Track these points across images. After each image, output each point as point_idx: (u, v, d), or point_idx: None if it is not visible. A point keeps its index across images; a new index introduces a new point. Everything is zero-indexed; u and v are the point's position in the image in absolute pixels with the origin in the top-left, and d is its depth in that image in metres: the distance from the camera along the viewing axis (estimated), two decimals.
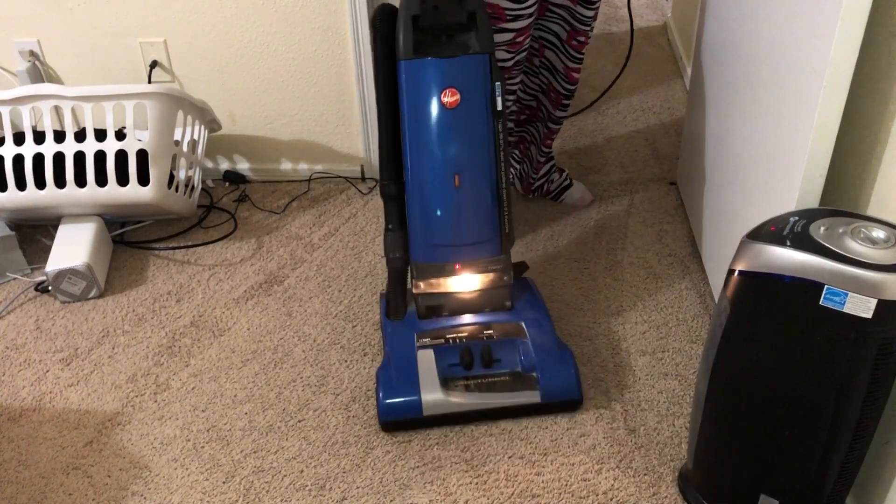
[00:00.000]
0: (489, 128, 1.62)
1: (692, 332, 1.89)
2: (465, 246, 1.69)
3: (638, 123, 2.74)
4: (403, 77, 1.60)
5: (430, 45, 1.60)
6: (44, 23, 2.32)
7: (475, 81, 1.60)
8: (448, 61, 1.58)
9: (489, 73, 1.60)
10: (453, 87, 1.59)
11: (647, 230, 2.23)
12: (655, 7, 3.62)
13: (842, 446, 1.25)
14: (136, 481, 1.60)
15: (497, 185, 1.66)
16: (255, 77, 2.36)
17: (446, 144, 1.62)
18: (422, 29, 1.59)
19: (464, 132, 1.62)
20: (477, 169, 1.64)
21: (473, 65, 1.60)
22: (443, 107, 1.59)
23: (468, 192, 1.65)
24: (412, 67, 1.59)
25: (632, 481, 1.56)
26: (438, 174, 1.63)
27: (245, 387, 1.80)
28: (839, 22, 1.20)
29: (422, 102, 1.60)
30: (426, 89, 1.60)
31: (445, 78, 1.59)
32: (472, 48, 1.59)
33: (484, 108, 1.61)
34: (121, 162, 2.07)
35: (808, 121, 1.32)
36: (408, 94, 1.60)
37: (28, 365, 1.89)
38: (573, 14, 1.94)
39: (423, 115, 1.61)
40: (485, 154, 1.63)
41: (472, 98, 1.60)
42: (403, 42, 1.57)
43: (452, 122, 1.61)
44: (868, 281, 1.12)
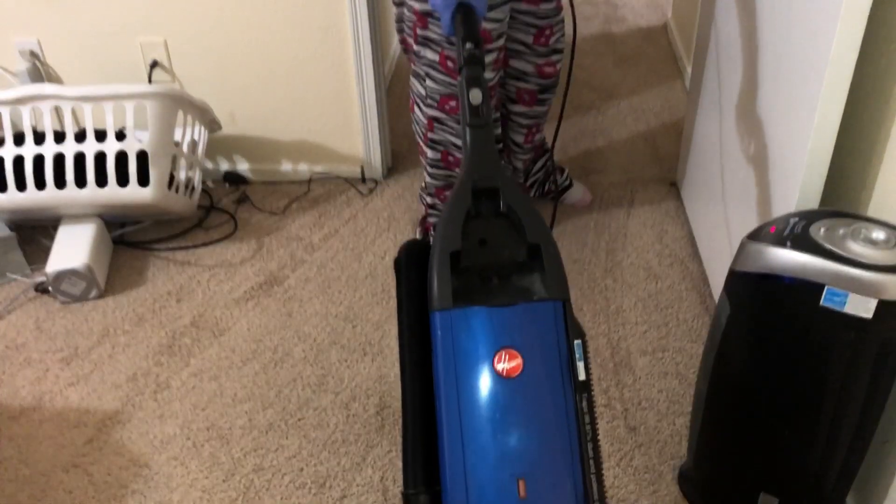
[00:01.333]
0: (568, 406, 1.11)
1: (692, 332, 1.90)
2: None
3: (638, 123, 2.75)
4: (439, 335, 1.11)
5: (476, 290, 1.14)
6: (44, 23, 2.32)
7: (544, 340, 1.11)
8: (503, 311, 1.10)
9: (563, 329, 1.11)
10: (511, 347, 1.10)
11: (647, 231, 2.23)
12: (655, 7, 3.63)
13: (842, 445, 1.25)
14: (136, 479, 1.61)
15: (585, 495, 1.09)
16: (255, 77, 2.36)
17: (503, 433, 1.09)
18: (463, 271, 1.15)
19: (529, 414, 1.10)
20: (551, 470, 1.10)
21: (540, 316, 1.11)
22: (497, 376, 1.10)
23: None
24: (451, 320, 1.11)
25: (632, 479, 1.56)
26: (492, 479, 1.09)
27: (245, 386, 1.80)
28: (839, 22, 1.20)
29: (466, 370, 1.10)
30: (472, 351, 1.10)
31: (500, 335, 1.10)
32: (538, 294, 1.12)
33: (558, 378, 1.11)
34: (121, 162, 2.07)
35: (808, 121, 1.32)
36: (444, 358, 1.10)
37: (28, 364, 1.89)
38: (536, 14, 1.92)
39: (468, 388, 1.10)
40: (564, 448, 1.09)
41: (539, 363, 1.10)
42: (438, 286, 1.11)
43: (511, 398, 1.10)
44: (868, 281, 1.12)
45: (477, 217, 1.15)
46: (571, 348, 1.12)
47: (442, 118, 1.90)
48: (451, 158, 1.96)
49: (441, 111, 1.88)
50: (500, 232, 1.16)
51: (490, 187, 1.14)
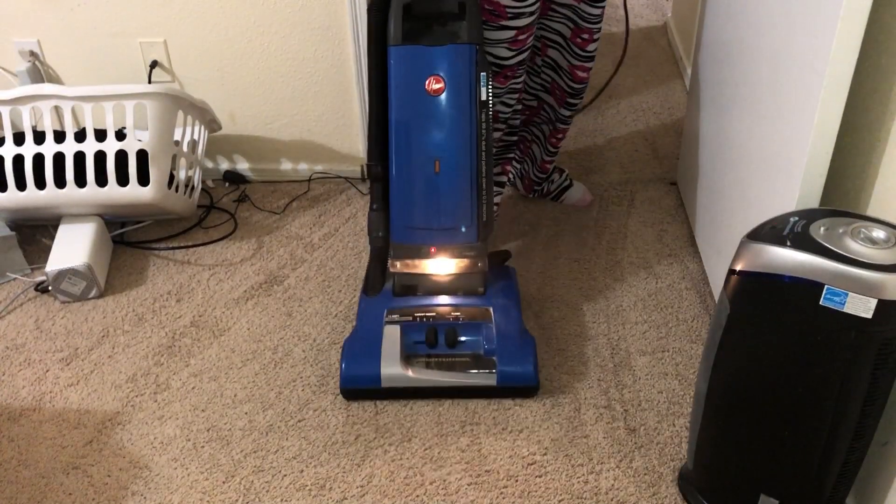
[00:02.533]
0: (472, 117, 1.67)
1: (692, 332, 1.89)
2: (441, 230, 1.76)
3: (638, 123, 2.74)
4: (392, 63, 1.66)
5: (421, 32, 1.65)
6: (44, 23, 2.32)
7: (460, 71, 1.65)
8: (435, 49, 1.65)
9: (474, 64, 1.65)
10: (438, 75, 1.65)
11: (647, 230, 2.23)
12: (655, 7, 3.62)
13: (842, 446, 1.25)
14: (136, 481, 1.60)
15: (477, 174, 1.71)
16: (255, 77, 2.36)
17: (428, 130, 1.69)
18: (415, 17, 1.64)
19: (446, 119, 1.68)
20: (457, 156, 1.70)
21: (459, 54, 1.65)
22: (427, 94, 1.66)
23: (447, 179, 1.71)
24: (400, 54, 1.65)
25: (632, 481, 1.56)
26: (419, 159, 1.70)
27: (245, 386, 1.80)
28: (839, 22, 1.20)
29: (408, 88, 1.67)
30: (413, 76, 1.66)
31: (431, 66, 1.65)
32: (461, 38, 1.65)
33: (467, 98, 1.66)
34: (121, 162, 2.07)
35: (808, 121, 1.32)
36: (395, 79, 1.67)
37: (28, 365, 1.89)
38: (578, 13, 1.93)
39: (409, 100, 1.68)
40: (466, 142, 1.69)
41: (456, 87, 1.66)
42: (394, 29, 1.63)
43: (436, 109, 1.67)
44: (868, 281, 1.12)
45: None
46: (478, 78, 1.67)
47: None
48: None
49: None
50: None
51: None
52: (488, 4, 1.73)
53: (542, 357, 1.83)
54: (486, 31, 1.76)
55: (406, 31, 1.64)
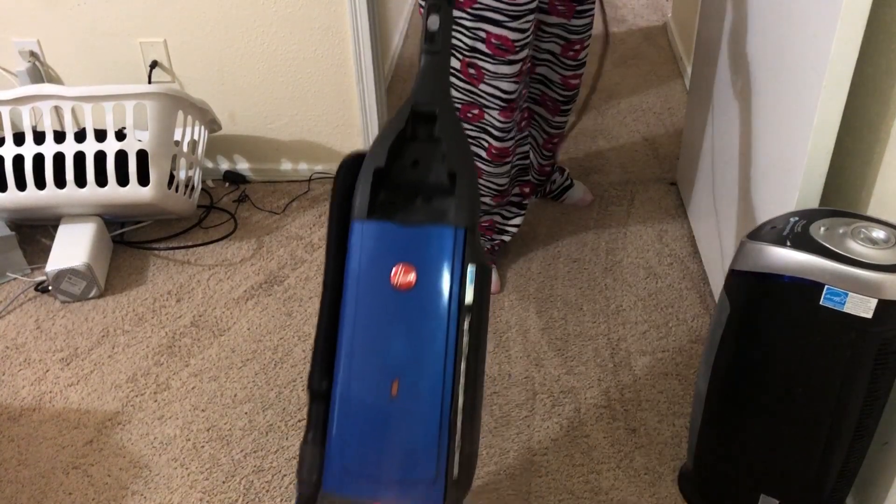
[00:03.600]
0: (449, 325, 1.19)
1: (692, 332, 1.89)
2: (392, 483, 1.22)
3: (638, 123, 2.75)
4: (352, 241, 1.23)
5: (397, 207, 1.23)
6: (44, 23, 2.32)
7: (439, 260, 1.19)
8: (409, 230, 1.20)
9: (461, 254, 1.19)
10: (409, 263, 1.19)
11: (647, 230, 2.23)
12: (655, 7, 3.62)
13: (842, 446, 1.25)
14: (136, 481, 1.61)
15: (451, 408, 1.19)
16: (255, 77, 2.36)
17: (388, 339, 1.21)
18: (395, 188, 1.23)
19: (413, 326, 1.20)
20: (423, 378, 1.20)
21: (440, 239, 1.19)
22: (392, 288, 1.20)
23: (407, 408, 1.21)
24: (364, 231, 1.22)
25: (632, 481, 1.56)
26: (372, 376, 1.21)
27: (245, 386, 1.80)
28: (839, 22, 1.20)
29: (368, 277, 1.21)
30: (376, 262, 1.21)
31: (401, 250, 1.20)
32: (446, 218, 1.20)
33: (446, 298, 1.19)
34: (121, 162, 2.07)
35: (808, 121, 1.32)
36: (354, 263, 1.22)
37: (28, 365, 1.89)
38: (567, 28, 1.91)
39: (368, 293, 1.21)
40: (437, 360, 1.19)
41: (431, 281, 1.19)
42: (360, 198, 1.22)
43: (401, 309, 1.21)
44: (868, 281, 1.12)
45: (414, 139, 1.23)
46: (464, 273, 1.20)
47: (464, 126, 1.86)
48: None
49: (463, 120, 1.85)
50: (432, 155, 1.23)
51: (429, 112, 1.21)
52: (496, 39, 1.70)
53: (543, 357, 1.83)
54: (494, 65, 1.72)
55: (378, 202, 1.22)
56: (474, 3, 1.67)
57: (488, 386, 1.77)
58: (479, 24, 1.69)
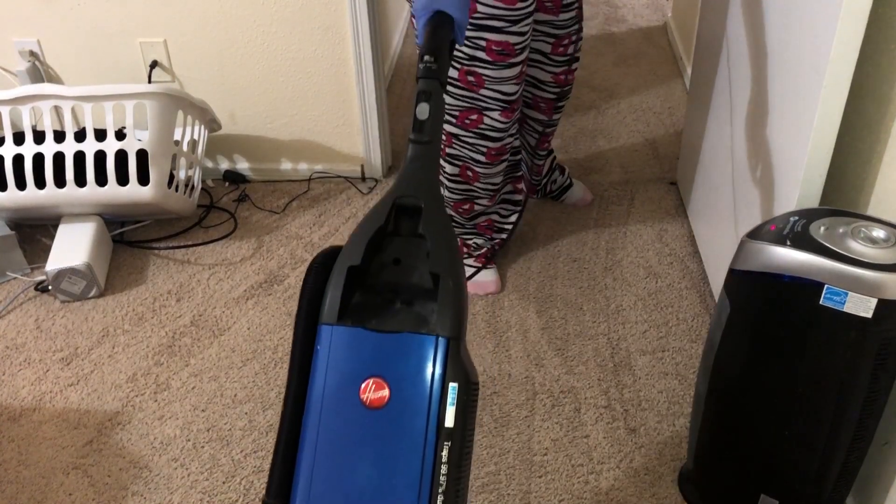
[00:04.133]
0: (426, 453, 1.03)
1: (692, 332, 1.89)
2: None
3: (638, 123, 2.75)
4: (318, 349, 1.08)
5: (373, 311, 1.08)
6: (44, 23, 2.32)
7: (416, 375, 1.04)
8: (382, 337, 1.05)
9: (442, 368, 1.03)
10: (380, 377, 1.04)
11: (647, 230, 2.23)
12: (655, 7, 3.62)
13: (842, 446, 1.25)
14: (136, 481, 1.61)
15: None
16: (255, 77, 2.36)
17: (354, 465, 1.05)
18: (372, 289, 1.09)
19: (384, 451, 1.04)
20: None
21: (419, 349, 1.04)
22: (360, 404, 1.05)
23: None
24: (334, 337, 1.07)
25: (632, 481, 1.56)
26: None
27: (245, 386, 1.80)
28: (839, 22, 1.20)
29: (335, 390, 1.06)
30: (345, 372, 1.06)
31: (373, 362, 1.05)
32: (427, 325, 1.04)
33: (423, 419, 1.03)
34: (121, 162, 2.07)
35: (808, 121, 1.32)
36: (319, 374, 1.07)
37: (28, 365, 1.89)
38: (554, 24, 1.90)
39: (333, 409, 1.06)
40: (410, 493, 1.03)
41: (406, 400, 1.03)
42: (330, 299, 1.08)
43: (370, 431, 1.04)
44: (868, 281, 1.12)
45: (397, 234, 1.10)
46: (444, 391, 1.03)
47: (461, 134, 1.85)
48: (471, 173, 1.91)
49: (460, 126, 1.84)
50: (416, 253, 1.10)
51: (414, 205, 1.08)
52: (497, 45, 1.69)
53: (543, 357, 1.83)
54: (495, 70, 1.71)
55: (351, 305, 1.08)
56: (474, 13, 1.65)
57: (488, 386, 1.77)
58: (479, 34, 1.68)
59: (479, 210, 2.01)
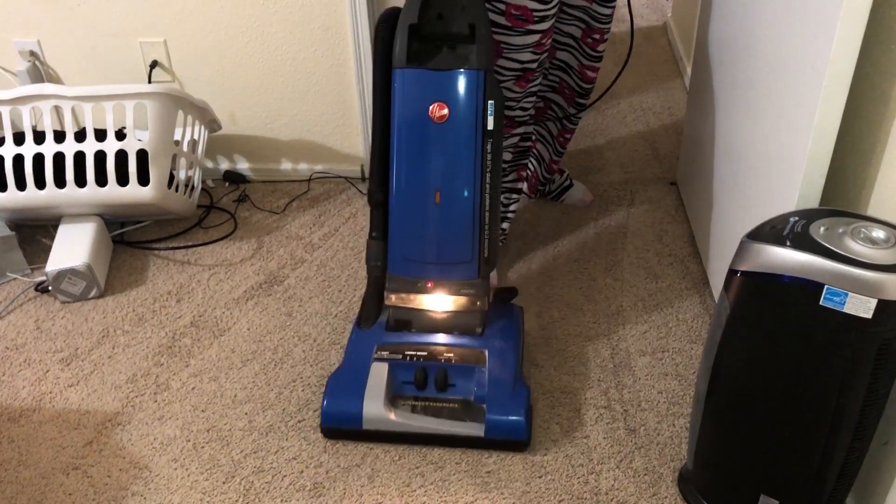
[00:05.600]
0: (476, 147, 1.57)
1: (692, 332, 1.89)
2: (440, 265, 1.65)
3: (638, 123, 2.74)
4: (396, 86, 1.57)
5: (429, 55, 1.55)
6: (44, 23, 2.32)
7: (466, 98, 1.55)
8: (440, 74, 1.54)
9: (482, 91, 1.55)
10: (443, 101, 1.55)
11: (647, 230, 2.23)
12: (655, 7, 3.62)
13: (842, 446, 1.25)
14: (136, 481, 1.60)
15: (480, 208, 1.61)
16: (255, 77, 2.36)
17: (430, 159, 1.59)
18: (423, 38, 1.55)
19: (449, 149, 1.58)
20: (459, 188, 1.59)
21: (465, 80, 1.54)
22: (430, 120, 1.56)
23: (448, 211, 1.61)
24: (405, 77, 1.56)
25: (632, 481, 1.56)
26: (419, 189, 1.60)
27: (245, 387, 1.80)
28: (839, 22, 1.20)
29: (411, 114, 1.57)
30: (416, 101, 1.56)
31: (436, 91, 1.55)
32: (469, 62, 1.54)
33: (472, 126, 1.56)
34: (121, 162, 2.07)
35: (808, 121, 1.32)
36: (398, 103, 1.57)
37: (28, 365, 1.89)
38: (590, 13, 1.92)
39: (411, 126, 1.58)
40: (469, 174, 1.58)
41: (461, 114, 1.55)
42: (398, 50, 1.54)
43: (438, 137, 1.57)
44: (868, 281, 1.12)
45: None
46: (486, 106, 1.55)
47: None
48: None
49: None
50: (454, 9, 1.53)
51: None
52: (516, 10, 1.70)
53: (543, 357, 1.83)
54: (513, 37, 1.73)
55: (412, 52, 1.54)
56: None
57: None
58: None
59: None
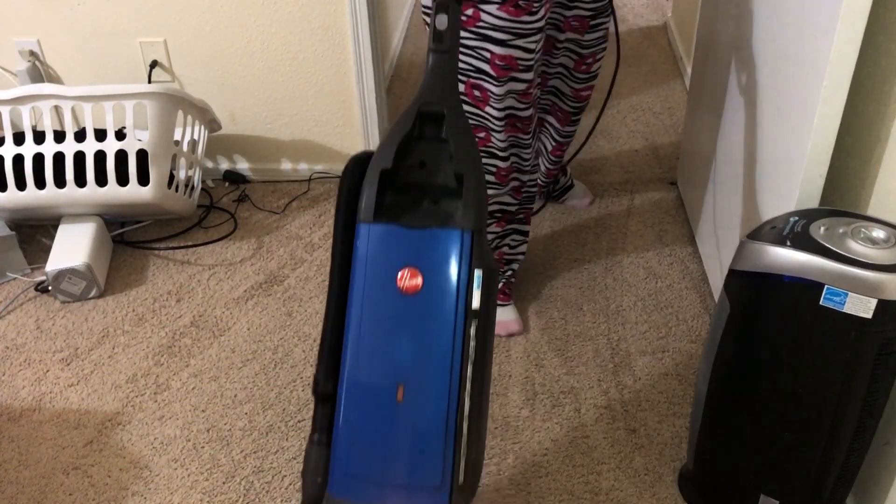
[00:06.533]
0: (456, 330, 1.19)
1: (692, 332, 1.89)
2: (398, 489, 1.21)
3: (638, 123, 2.74)
4: (359, 244, 1.23)
5: (404, 209, 1.23)
6: (44, 23, 2.32)
7: (446, 264, 1.19)
8: (414, 232, 1.20)
9: (468, 257, 1.19)
10: (415, 266, 1.20)
11: (647, 230, 2.23)
12: (655, 7, 3.62)
13: (842, 446, 1.25)
14: (136, 481, 1.61)
15: (457, 413, 1.19)
16: (255, 77, 2.36)
17: (394, 342, 1.21)
18: (401, 188, 1.23)
19: (420, 330, 1.20)
20: (429, 383, 1.19)
21: (447, 242, 1.19)
22: (398, 291, 1.20)
23: (412, 413, 1.20)
24: (370, 234, 1.22)
25: (632, 481, 1.56)
26: (377, 380, 1.21)
27: (245, 387, 1.80)
28: (839, 22, 1.20)
29: (374, 281, 1.21)
30: (383, 265, 1.21)
31: (408, 253, 1.20)
32: (453, 221, 1.20)
33: (452, 302, 1.19)
34: (121, 162, 2.07)
35: (808, 121, 1.32)
36: (360, 267, 1.22)
37: (28, 365, 1.89)
38: (580, 43, 1.87)
39: (374, 297, 1.21)
40: (444, 365, 1.19)
41: (437, 286, 1.19)
42: (366, 200, 1.21)
43: (407, 313, 1.21)
44: (868, 281, 1.12)
45: (422, 139, 1.22)
46: (471, 277, 1.19)
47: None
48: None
49: None
50: (440, 156, 1.23)
51: (437, 112, 1.20)
52: (501, 60, 1.61)
53: (543, 357, 1.83)
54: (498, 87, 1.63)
55: (383, 205, 1.22)
56: (477, 21, 1.59)
57: None
58: (482, 44, 1.61)
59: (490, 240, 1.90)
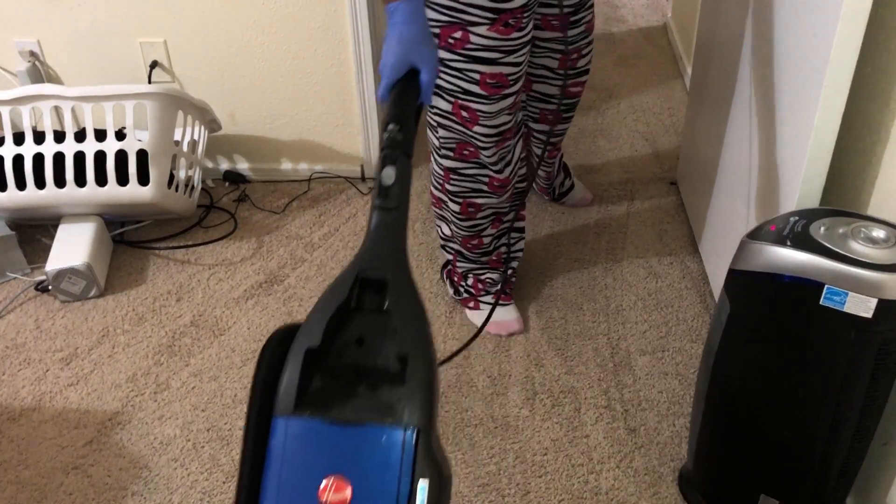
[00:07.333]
0: None
1: (692, 332, 1.89)
2: None
3: (638, 123, 2.74)
4: (272, 442, 0.94)
5: (333, 397, 0.96)
6: (44, 23, 2.32)
7: (382, 474, 0.91)
8: (343, 430, 0.93)
9: (410, 464, 0.90)
10: (342, 476, 0.91)
11: (647, 230, 2.23)
12: (655, 7, 3.62)
13: (842, 446, 1.25)
14: (136, 481, 1.61)
15: None
16: (255, 77, 2.36)
17: None
18: (331, 371, 0.97)
19: None
20: None
21: (385, 444, 0.91)
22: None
23: None
24: (288, 430, 0.94)
25: (632, 481, 1.56)
26: None
27: (245, 386, 1.80)
28: (839, 22, 1.20)
29: (290, 493, 0.93)
30: (302, 472, 0.93)
31: (333, 458, 0.92)
32: (394, 415, 0.92)
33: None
34: (121, 162, 2.07)
35: (808, 121, 1.32)
36: (273, 473, 0.94)
37: (28, 364, 1.89)
38: (562, 41, 1.85)
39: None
40: None
41: (370, 500, 0.91)
42: (286, 386, 0.95)
43: None
44: (868, 281, 1.12)
45: (360, 310, 0.98)
46: (413, 490, 0.90)
47: (459, 167, 1.73)
48: (472, 208, 1.80)
49: (459, 159, 1.72)
50: (382, 331, 0.98)
51: (379, 279, 0.97)
52: (491, 78, 1.59)
53: (543, 357, 1.83)
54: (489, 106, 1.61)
55: (309, 392, 0.95)
56: (466, 43, 1.55)
57: (488, 385, 1.77)
58: (472, 66, 1.58)
59: (488, 243, 1.89)
